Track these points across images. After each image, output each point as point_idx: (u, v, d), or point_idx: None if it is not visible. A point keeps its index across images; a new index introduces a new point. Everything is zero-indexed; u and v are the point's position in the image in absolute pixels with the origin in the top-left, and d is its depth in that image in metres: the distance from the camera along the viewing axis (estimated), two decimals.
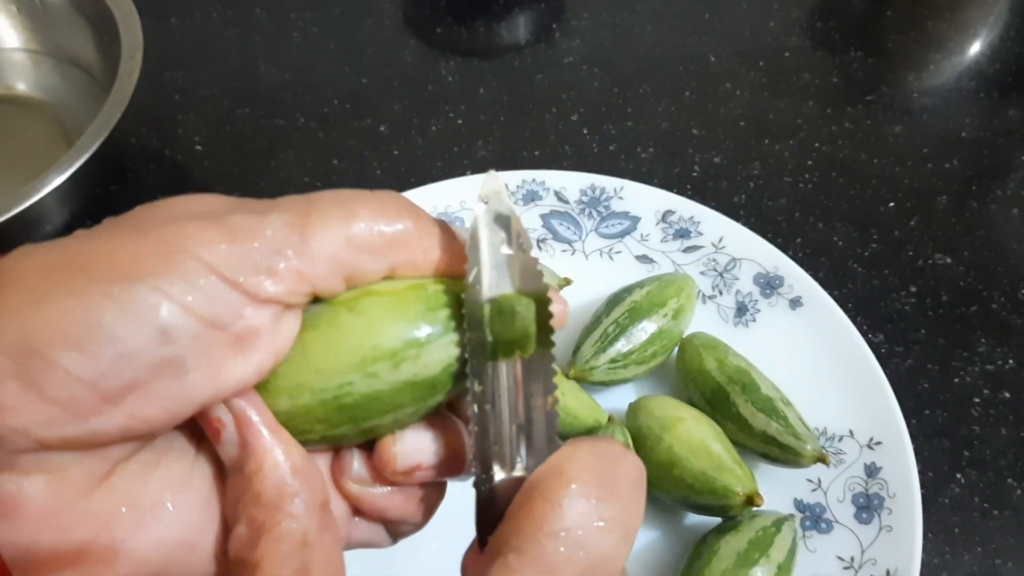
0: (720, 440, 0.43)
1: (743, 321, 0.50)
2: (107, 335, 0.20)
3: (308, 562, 0.22)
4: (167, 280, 0.20)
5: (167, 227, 0.21)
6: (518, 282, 0.23)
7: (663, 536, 0.44)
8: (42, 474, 0.20)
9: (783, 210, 0.58)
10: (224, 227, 0.22)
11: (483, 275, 0.23)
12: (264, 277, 0.22)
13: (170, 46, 0.68)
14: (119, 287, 0.20)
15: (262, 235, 0.22)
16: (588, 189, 0.54)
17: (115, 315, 0.20)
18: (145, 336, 0.20)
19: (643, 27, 0.69)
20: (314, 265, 0.22)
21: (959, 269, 0.55)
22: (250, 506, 0.22)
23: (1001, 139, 0.61)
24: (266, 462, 0.22)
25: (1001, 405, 0.49)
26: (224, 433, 0.22)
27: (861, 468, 0.44)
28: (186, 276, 0.21)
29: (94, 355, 0.20)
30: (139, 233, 0.21)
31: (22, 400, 0.19)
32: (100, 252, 0.21)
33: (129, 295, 0.20)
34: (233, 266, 0.21)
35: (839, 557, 0.42)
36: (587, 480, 0.21)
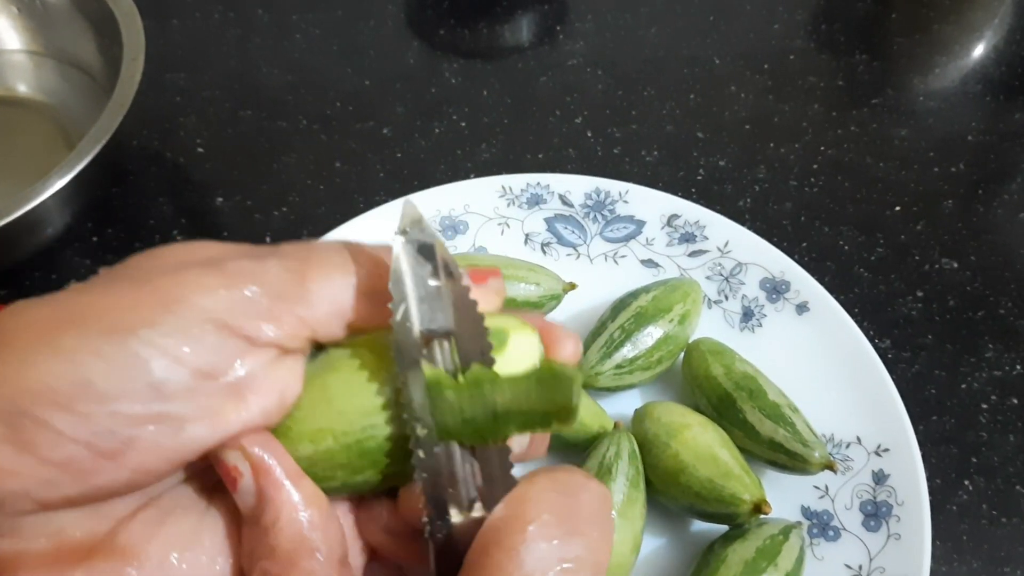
0: (727, 447, 0.43)
1: (749, 326, 0.50)
2: (97, 394, 0.19)
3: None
4: (160, 332, 0.20)
5: (165, 277, 0.21)
6: (451, 315, 0.22)
7: (669, 544, 0.44)
8: (44, 539, 0.20)
9: (789, 214, 0.57)
10: (222, 272, 0.21)
11: (412, 311, 0.22)
12: (262, 322, 0.21)
13: (172, 48, 0.68)
14: (109, 344, 0.20)
15: (261, 280, 0.21)
16: (593, 193, 0.54)
17: (105, 374, 0.19)
18: (137, 393, 0.20)
19: (647, 29, 0.69)
20: (314, 310, 0.22)
21: (966, 274, 0.54)
22: (264, 559, 0.21)
23: (1007, 142, 0.61)
24: (283, 514, 0.21)
25: (1009, 411, 0.49)
26: (241, 483, 0.21)
27: (869, 475, 0.44)
28: (181, 326, 0.20)
29: (85, 415, 0.19)
30: (136, 284, 0.21)
31: (18, 463, 0.19)
32: (94, 306, 0.20)
33: (119, 352, 0.20)
34: (231, 311, 0.21)
35: (847, 565, 0.42)
36: (546, 520, 0.20)
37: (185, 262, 0.22)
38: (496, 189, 0.54)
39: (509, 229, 0.53)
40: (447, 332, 0.22)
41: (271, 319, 0.21)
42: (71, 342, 0.20)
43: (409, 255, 0.22)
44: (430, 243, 0.23)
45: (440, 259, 0.22)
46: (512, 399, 0.22)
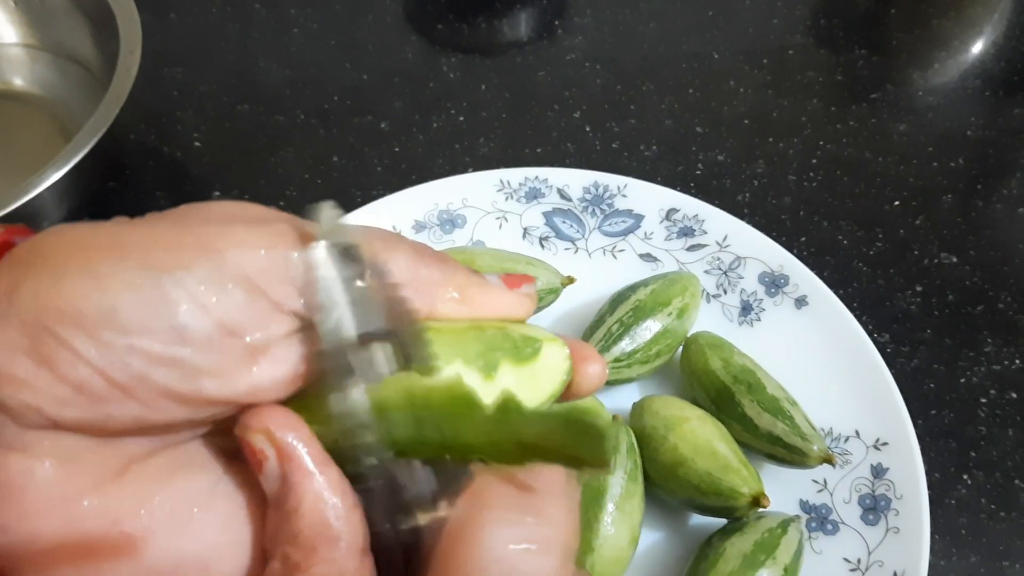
0: (725, 440, 0.42)
1: (748, 320, 0.49)
2: (120, 324, 0.19)
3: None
4: (194, 277, 0.20)
5: (210, 226, 0.21)
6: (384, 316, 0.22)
7: (667, 537, 0.44)
8: (53, 459, 0.20)
9: (788, 209, 0.57)
10: (268, 233, 0.21)
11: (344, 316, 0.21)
12: (294, 290, 0.21)
13: (169, 42, 0.68)
14: (141, 278, 0.20)
15: (303, 246, 0.21)
16: (591, 187, 0.53)
17: (131, 306, 0.19)
18: (158, 332, 0.20)
19: (646, 24, 0.69)
20: None
21: (965, 268, 0.54)
22: (286, 543, 0.21)
23: (1007, 138, 0.61)
24: (306, 501, 0.21)
25: (1008, 406, 0.49)
26: (266, 466, 0.21)
27: (867, 469, 0.44)
28: (215, 277, 0.20)
29: (105, 343, 0.19)
30: (180, 228, 0.21)
31: (34, 375, 0.19)
32: (134, 239, 0.20)
33: (150, 287, 0.20)
34: (266, 273, 0.21)
35: (846, 559, 0.42)
36: (503, 505, 0.20)
37: (234, 216, 0.22)
38: (494, 183, 0.53)
39: (507, 223, 0.53)
40: (385, 333, 0.22)
41: (302, 290, 0.21)
42: (105, 268, 0.20)
43: (333, 259, 0.22)
44: (354, 244, 0.22)
45: (367, 260, 0.22)
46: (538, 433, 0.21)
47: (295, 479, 0.21)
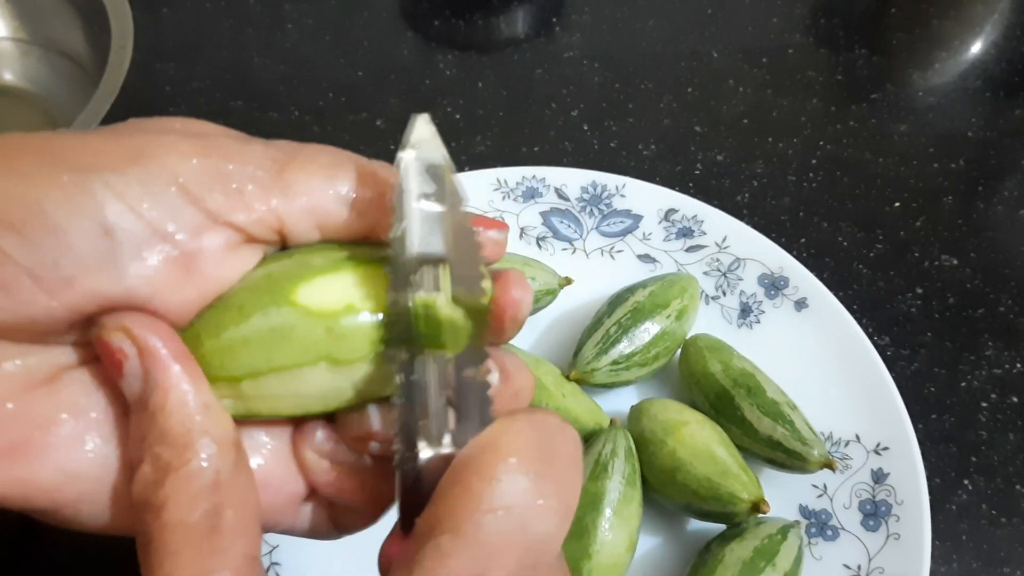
0: (725, 445, 0.42)
1: (747, 323, 0.49)
2: (48, 222, 0.19)
3: (220, 504, 0.20)
4: (122, 180, 0.20)
5: (145, 136, 0.21)
6: (450, 241, 0.21)
7: (666, 543, 0.43)
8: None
9: (787, 209, 0.57)
10: (203, 145, 0.21)
11: (411, 231, 0.21)
12: (229, 200, 0.21)
13: (161, 37, 0.67)
14: (70, 176, 0.20)
15: (239, 159, 0.21)
16: (589, 186, 0.53)
17: (59, 203, 0.19)
18: (87, 230, 0.19)
19: (644, 22, 0.68)
20: (288, 203, 0.22)
21: (966, 271, 0.54)
22: (155, 444, 0.20)
23: (1007, 139, 0.61)
24: (172, 396, 0.21)
25: (1009, 410, 0.48)
26: (127, 365, 0.21)
27: (868, 474, 0.44)
28: (145, 180, 0.20)
29: (33, 241, 0.19)
30: (115, 136, 0.21)
31: None
32: (66, 144, 0.20)
33: (78, 185, 0.20)
34: (198, 181, 0.21)
35: (846, 565, 0.42)
36: (525, 454, 0.20)
37: (172, 129, 0.22)
38: (491, 182, 0.53)
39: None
40: (442, 258, 0.21)
41: (238, 199, 0.21)
42: (33, 169, 0.20)
43: (417, 173, 0.21)
44: (439, 164, 0.22)
45: (447, 183, 0.22)
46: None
47: (158, 376, 0.21)
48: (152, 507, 0.20)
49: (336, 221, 0.22)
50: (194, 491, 0.20)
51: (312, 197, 0.22)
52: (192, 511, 0.20)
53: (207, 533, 0.20)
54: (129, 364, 0.21)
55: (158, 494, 0.20)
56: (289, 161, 0.22)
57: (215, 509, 0.20)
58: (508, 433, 0.20)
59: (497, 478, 0.19)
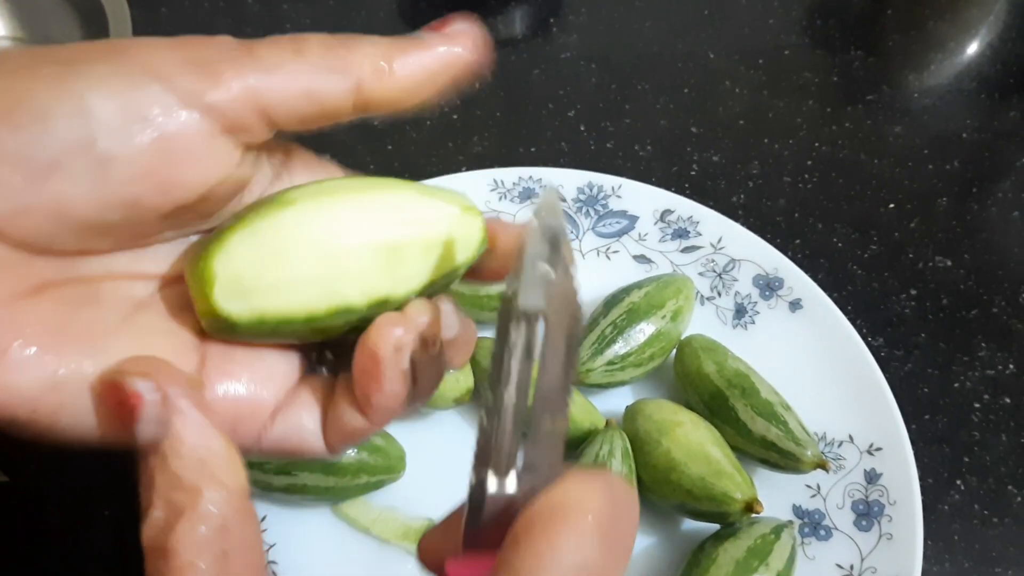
0: (719, 445, 0.42)
1: (742, 323, 0.49)
2: (32, 109, 0.20)
3: (228, 549, 0.21)
4: (99, 71, 0.21)
5: (119, 41, 0.22)
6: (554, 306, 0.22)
7: (660, 543, 0.44)
8: None
9: (782, 211, 0.57)
10: (172, 41, 0.22)
11: (522, 287, 0.22)
12: (203, 80, 0.21)
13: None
14: (49, 68, 0.21)
15: (207, 44, 0.22)
16: (585, 187, 0.53)
17: (39, 91, 0.20)
18: (69, 115, 0.20)
19: (641, 23, 0.68)
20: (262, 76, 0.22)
21: (960, 272, 0.54)
22: (167, 489, 0.21)
23: (1002, 140, 0.61)
24: (187, 441, 0.21)
25: (1002, 411, 0.49)
26: (144, 411, 0.21)
27: (861, 474, 0.44)
28: (122, 71, 0.21)
29: (17, 126, 0.20)
30: (90, 43, 0.22)
31: None
32: (48, 48, 0.22)
33: (57, 77, 0.21)
34: (174, 68, 0.21)
35: (839, 565, 0.42)
36: (602, 519, 0.20)
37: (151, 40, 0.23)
38: (488, 183, 0.53)
39: None
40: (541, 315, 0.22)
41: (212, 79, 0.21)
42: (16, 64, 0.21)
43: (536, 236, 0.23)
44: (558, 234, 0.23)
45: (564, 252, 0.23)
46: None
47: (176, 423, 0.21)
48: (164, 552, 0.20)
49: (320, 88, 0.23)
50: (204, 536, 0.20)
51: (285, 67, 0.22)
52: (202, 555, 0.20)
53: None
54: (147, 409, 0.21)
55: (170, 538, 0.20)
56: (255, 43, 0.23)
57: (224, 554, 0.21)
58: (589, 494, 0.20)
59: (578, 538, 0.20)
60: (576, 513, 0.20)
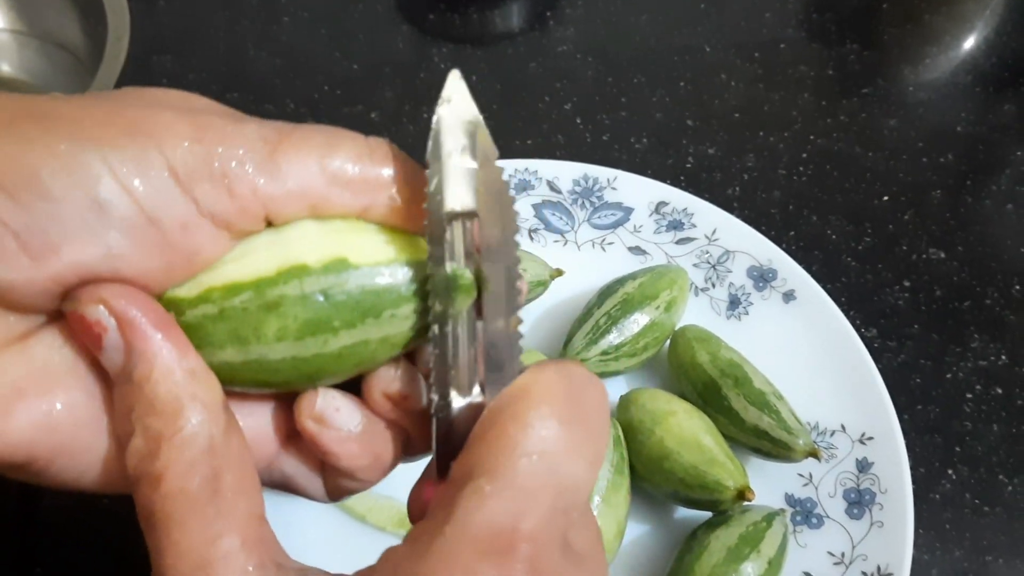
0: (711, 434, 0.43)
1: (736, 314, 0.50)
2: (41, 188, 0.19)
3: (217, 468, 0.20)
4: (120, 157, 0.20)
5: (141, 111, 0.21)
6: (482, 196, 0.22)
7: (652, 530, 0.44)
8: None
9: (777, 203, 0.57)
10: (195, 125, 0.21)
11: (445, 186, 0.22)
12: (215, 188, 0.21)
13: (158, 29, 0.67)
14: (67, 146, 0.20)
15: (230, 142, 0.21)
16: (581, 179, 0.53)
17: (54, 171, 0.19)
18: (79, 202, 0.20)
19: (638, 16, 0.68)
20: (276, 186, 0.21)
21: (953, 264, 0.54)
22: (144, 415, 0.20)
23: (996, 134, 0.61)
24: (158, 365, 0.20)
25: (993, 401, 0.49)
26: (106, 338, 0.21)
27: (853, 463, 0.44)
28: (140, 160, 0.20)
29: (24, 204, 0.19)
30: (112, 108, 0.21)
31: None
32: (64, 111, 0.20)
33: (75, 157, 0.20)
34: (190, 168, 0.21)
35: (830, 552, 0.42)
36: (558, 402, 0.20)
37: (168, 104, 0.22)
38: None
39: None
40: (471, 213, 0.22)
41: (223, 186, 0.21)
42: (32, 133, 0.20)
43: (449, 128, 0.22)
44: (472, 120, 0.22)
45: (480, 140, 0.22)
46: None
47: (141, 346, 0.21)
48: (150, 479, 0.20)
49: (329, 203, 0.22)
50: (190, 458, 0.20)
51: (303, 179, 0.22)
52: (191, 478, 0.20)
53: (209, 498, 0.20)
54: (109, 337, 0.20)
55: (154, 465, 0.20)
56: (281, 141, 0.22)
57: (213, 473, 0.20)
58: (540, 382, 0.21)
59: (531, 424, 0.20)
60: (531, 400, 0.20)
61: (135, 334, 0.21)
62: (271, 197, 0.22)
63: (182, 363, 0.21)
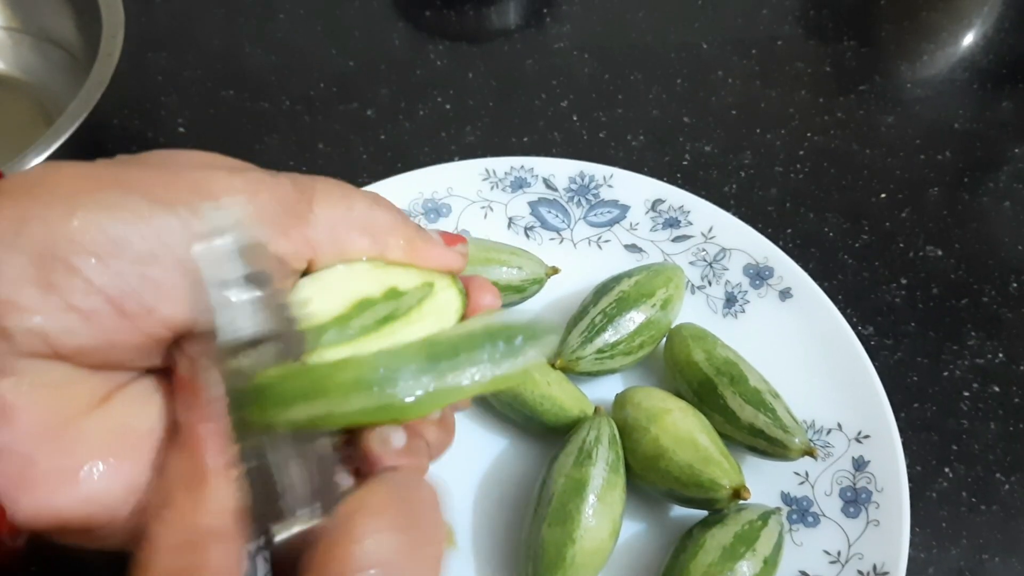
0: (707, 432, 0.42)
1: (732, 312, 0.49)
2: (133, 254, 0.20)
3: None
4: (196, 216, 0.21)
5: (195, 172, 0.22)
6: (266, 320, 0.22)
7: (648, 529, 0.44)
8: (44, 388, 0.20)
9: (774, 200, 0.57)
10: (247, 180, 0.23)
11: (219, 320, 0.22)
12: (274, 233, 0.23)
13: (153, 26, 0.67)
14: (151, 210, 0.21)
15: (276, 193, 0.23)
16: (577, 177, 0.53)
17: (143, 235, 0.20)
18: (168, 262, 0.21)
19: (634, 13, 0.68)
20: (318, 231, 0.24)
21: (950, 262, 0.54)
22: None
23: (994, 131, 0.61)
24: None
25: (990, 399, 0.49)
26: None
27: (849, 462, 0.44)
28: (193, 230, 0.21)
29: (117, 271, 0.20)
30: (167, 171, 0.22)
31: (41, 303, 0.19)
32: (133, 175, 0.21)
33: (160, 219, 0.21)
34: (251, 218, 0.22)
35: (825, 551, 0.42)
36: (391, 512, 0.20)
37: (210, 164, 0.24)
38: (480, 172, 0.53)
39: (492, 212, 0.53)
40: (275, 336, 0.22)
41: (283, 232, 0.23)
42: (116, 200, 0.20)
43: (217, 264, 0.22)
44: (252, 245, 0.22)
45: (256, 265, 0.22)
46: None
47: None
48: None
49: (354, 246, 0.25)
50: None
51: (334, 227, 0.24)
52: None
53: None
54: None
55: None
56: (311, 193, 0.24)
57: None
58: (372, 495, 0.21)
59: (368, 539, 0.20)
60: (361, 517, 0.20)
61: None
62: (318, 241, 0.24)
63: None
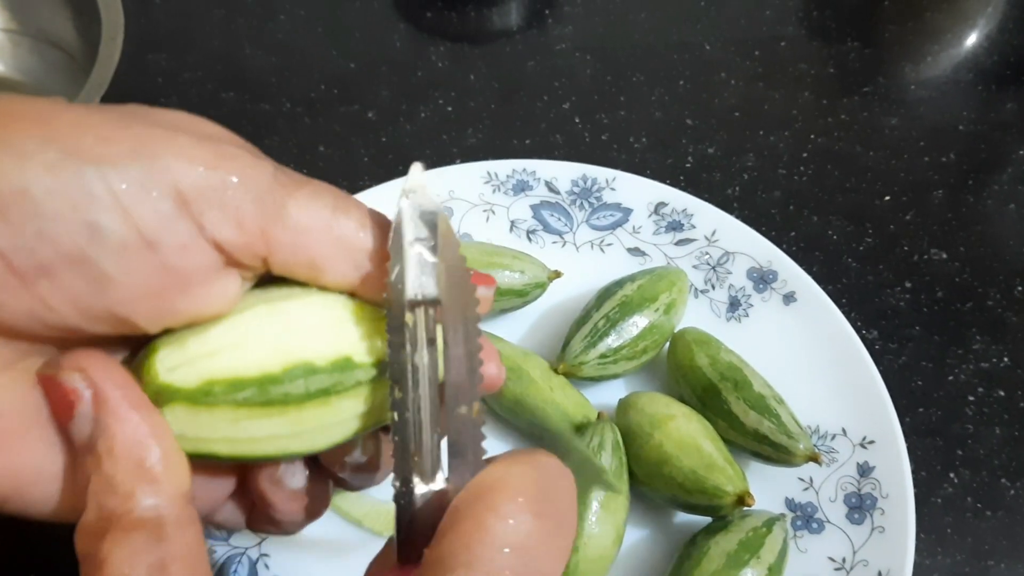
0: (711, 438, 0.42)
1: (736, 316, 0.49)
2: (32, 207, 0.18)
3: (166, 559, 0.19)
4: (120, 176, 0.19)
5: (150, 128, 0.20)
6: (444, 283, 0.22)
7: (652, 535, 0.44)
8: None
9: (777, 203, 0.57)
10: (214, 152, 0.20)
11: (406, 275, 0.22)
12: (224, 216, 0.20)
13: (153, 27, 0.67)
14: (65, 162, 0.18)
15: (248, 175, 0.20)
16: (579, 180, 0.53)
17: (47, 190, 0.18)
18: (71, 224, 0.18)
19: (636, 14, 0.68)
20: (281, 231, 0.21)
21: (954, 265, 0.54)
22: (100, 492, 0.20)
23: (998, 132, 0.61)
24: (119, 441, 0.20)
25: (995, 404, 0.49)
26: (79, 408, 0.20)
27: (854, 467, 0.44)
28: (143, 181, 0.19)
29: (13, 224, 0.18)
30: (124, 123, 0.20)
31: None
32: (66, 119, 0.19)
33: (71, 175, 0.18)
34: (201, 193, 0.20)
35: (830, 558, 0.42)
36: (533, 495, 0.20)
37: (182, 127, 0.21)
38: (482, 175, 0.53)
39: (494, 216, 0.52)
40: (433, 300, 0.22)
41: (233, 218, 0.20)
42: (27, 145, 0.18)
43: (411, 219, 0.22)
44: (432, 211, 0.22)
45: (441, 230, 0.22)
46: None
47: (111, 423, 0.20)
48: (95, 561, 0.19)
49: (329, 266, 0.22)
50: (138, 544, 0.19)
51: (311, 234, 0.21)
52: (135, 566, 0.19)
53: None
54: (81, 406, 0.20)
55: (101, 547, 0.19)
56: (296, 190, 0.21)
57: (161, 565, 0.19)
58: (514, 474, 0.20)
59: (509, 516, 0.19)
60: (504, 493, 0.20)
61: (108, 410, 0.20)
62: (279, 242, 0.21)
63: (149, 442, 0.20)
